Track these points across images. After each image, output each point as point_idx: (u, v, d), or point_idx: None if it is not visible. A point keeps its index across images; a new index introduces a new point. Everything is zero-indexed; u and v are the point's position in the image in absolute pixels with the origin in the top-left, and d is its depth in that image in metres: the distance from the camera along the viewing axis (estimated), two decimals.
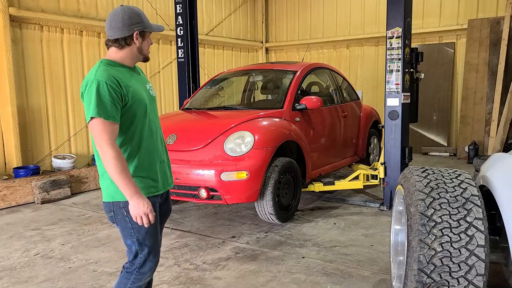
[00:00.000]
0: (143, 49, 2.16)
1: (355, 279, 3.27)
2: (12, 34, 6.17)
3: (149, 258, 2.18)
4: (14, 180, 5.67)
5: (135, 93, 2.09)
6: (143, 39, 2.14)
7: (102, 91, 1.96)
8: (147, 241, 2.14)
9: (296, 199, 4.73)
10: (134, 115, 2.08)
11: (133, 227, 2.10)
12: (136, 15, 2.11)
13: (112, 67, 2.07)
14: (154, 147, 2.19)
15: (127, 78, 2.09)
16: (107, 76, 1.99)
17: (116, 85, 1.99)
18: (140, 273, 2.18)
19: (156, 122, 2.26)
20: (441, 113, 8.89)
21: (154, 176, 2.18)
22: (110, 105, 1.97)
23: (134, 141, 2.11)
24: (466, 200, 2.11)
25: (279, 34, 11.26)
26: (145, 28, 2.13)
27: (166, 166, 2.31)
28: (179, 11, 6.32)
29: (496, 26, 8.04)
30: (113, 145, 1.97)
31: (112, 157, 1.95)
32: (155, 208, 2.17)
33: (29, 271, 3.56)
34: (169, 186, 2.34)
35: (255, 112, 4.90)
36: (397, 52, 4.80)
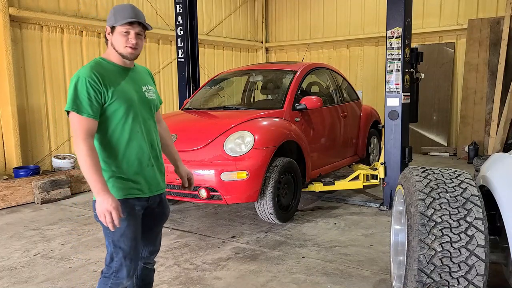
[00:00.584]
0: (115, 45, 2.12)
1: (355, 279, 3.27)
2: (12, 34, 6.17)
3: (125, 262, 2.12)
4: (14, 180, 5.67)
5: (119, 92, 2.08)
6: (113, 34, 2.11)
7: (80, 86, 1.99)
8: (122, 244, 2.10)
9: (296, 199, 4.73)
10: (115, 114, 2.08)
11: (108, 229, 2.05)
12: (111, 11, 2.12)
13: (99, 64, 2.10)
14: (139, 149, 2.15)
15: (113, 76, 2.09)
16: (89, 73, 2.02)
17: (95, 82, 2.01)
18: (117, 278, 2.14)
19: (148, 125, 2.21)
20: (441, 113, 8.89)
21: (137, 179, 2.14)
22: (86, 101, 1.99)
23: (115, 141, 2.09)
24: (466, 200, 2.11)
25: (279, 34, 11.26)
26: (114, 23, 2.09)
27: (157, 170, 2.25)
28: (179, 11, 6.32)
29: (496, 26, 8.04)
30: (85, 140, 1.97)
31: (83, 152, 1.96)
32: (134, 212, 2.13)
33: (29, 271, 3.56)
34: (160, 191, 2.29)
35: (255, 112, 4.90)
36: (397, 52, 4.80)
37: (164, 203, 2.37)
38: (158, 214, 2.33)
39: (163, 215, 2.38)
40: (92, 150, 1.98)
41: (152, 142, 2.24)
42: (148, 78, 2.33)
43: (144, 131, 2.18)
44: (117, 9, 2.12)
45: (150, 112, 2.26)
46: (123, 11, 2.09)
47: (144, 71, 2.34)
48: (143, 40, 2.19)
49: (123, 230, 2.09)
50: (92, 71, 2.03)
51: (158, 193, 2.28)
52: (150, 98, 2.26)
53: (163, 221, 2.40)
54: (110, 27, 2.11)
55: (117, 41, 2.11)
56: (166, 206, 2.40)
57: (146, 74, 2.34)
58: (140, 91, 2.20)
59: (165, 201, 2.38)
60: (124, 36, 2.09)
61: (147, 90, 2.25)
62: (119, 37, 2.10)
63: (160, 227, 2.40)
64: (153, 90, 2.30)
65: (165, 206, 2.38)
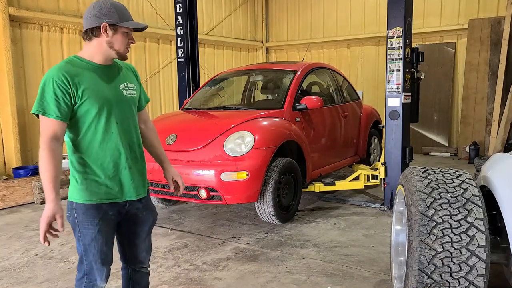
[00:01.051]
0: (114, 44, 2.01)
1: (355, 279, 3.26)
2: (12, 34, 6.17)
3: (96, 266, 2.08)
4: (13, 180, 5.66)
5: (91, 91, 1.97)
6: (114, 33, 2.00)
7: (47, 87, 1.93)
8: (92, 249, 2.05)
9: (296, 200, 4.72)
10: (87, 114, 1.98)
11: (80, 230, 2.03)
12: (109, 7, 1.99)
13: (71, 63, 2.00)
14: (114, 151, 2.05)
15: (85, 75, 1.98)
16: (57, 73, 1.93)
17: (63, 83, 1.92)
18: (89, 280, 2.09)
19: (126, 125, 2.09)
20: (441, 113, 8.87)
21: (112, 182, 2.05)
22: (54, 102, 1.91)
23: (88, 142, 2.01)
24: (467, 200, 2.10)
25: (280, 33, 11.26)
26: (117, 22, 1.99)
27: (135, 174, 2.13)
28: (179, 11, 6.31)
29: (497, 26, 8.03)
30: (48, 144, 1.91)
31: (42, 156, 1.90)
32: (107, 217, 2.06)
33: (29, 271, 3.56)
34: (140, 196, 2.17)
35: (255, 112, 4.89)
36: (397, 52, 4.79)
37: (148, 207, 2.25)
38: (142, 220, 2.22)
39: (148, 220, 2.25)
40: (53, 153, 1.90)
41: (131, 143, 2.12)
42: (128, 75, 2.19)
43: (120, 132, 2.06)
44: (118, 8, 2.02)
45: (130, 111, 2.13)
46: (125, 11, 2.03)
47: (125, 68, 2.21)
48: None
49: (94, 235, 2.03)
50: (60, 71, 1.93)
51: (138, 199, 2.16)
52: (129, 96, 2.12)
53: (149, 226, 2.28)
54: (111, 25, 1.99)
55: (120, 41, 2.02)
56: (151, 210, 2.27)
57: (127, 71, 2.21)
58: (116, 89, 2.07)
59: (149, 205, 2.26)
60: (126, 36, 2.04)
61: (126, 88, 2.12)
62: (121, 37, 2.02)
63: (146, 232, 2.28)
64: (133, 87, 2.17)
65: (150, 210, 2.26)
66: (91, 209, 2.03)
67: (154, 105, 8.62)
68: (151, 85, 8.50)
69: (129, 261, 2.32)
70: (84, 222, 2.03)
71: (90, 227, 2.03)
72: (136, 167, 2.14)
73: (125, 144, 2.09)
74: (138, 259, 2.31)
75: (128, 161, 2.10)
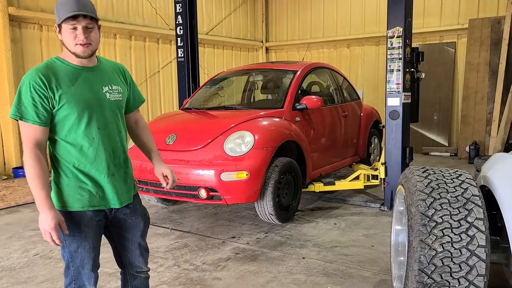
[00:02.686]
0: (65, 43, 1.91)
1: (355, 279, 3.26)
2: (12, 34, 6.17)
3: (83, 271, 2.03)
4: (13, 180, 5.66)
5: (70, 95, 1.89)
6: (60, 32, 1.90)
7: (24, 91, 1.85)
8: (79, 255, 2.00)
9: (296, 200, 4.72)
10: (66, 119, 1.90)
11: (65, 238, 1.96)
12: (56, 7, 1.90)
13: (50, 65, 1.93)
14: (96, 158, 1.97)
15: (64, 78, 1.90)
16: (34, 76, 1.86)
17: (40, 86, 1.84)
18: (78, 285, 2.05)
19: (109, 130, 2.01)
20: (442, 113, 8.87)
21: (95, 189, 1.98)
22: (31, 107, 1.83)
23: (68, 148, 1.94)
24: (467, 200, 2.10)
25: (279, 33, 11.25)
26: (58, 20, 1.88)
27: (120, 180, 2.06)
28: (179, 11, 6.31)
29: (497, 25, 8.03)
30: (31, 150, 1.84)
31: (28, 162, 1.83)
32: (92, 223, 2.00)
33: (29, 271, 3.55)
34: (126, 202, 2.09)
35: (255, 112, 4.89)
36: (397, 52, 4.79)
37: (138, 213, 2.18)
38: (131, 225, 2.16)
39: (138, 225, 2.18)
40: (38, 160, 1.83)
41: (115, 148, 2.04)
42: (113, 77, 2.08)
43: (102, 137, 1.98)
44: (59, 4, 1.88)
45: (113, 115, 2.03)
46: (65, 5, 1.86)
47: (111, 69, 2.09)
48: (97, 33, 1.95)
49: (80, 242, 1.98)
50: (37, 74, 1.86)
51: (124, 205, 2.09)
52: (112, 99, 2.02)
53: (140, 231, 2.20)
54: (57, 26, 1.89)
55: (67, 40, 1.89)
56: (140, 215, 2.19)
57: (113, 72, 2.10)
58: (99, 93, 1.98)
59: (137, 209, 2.18)
60: (72, 33, 1.87)
61: (110, 91, 2.02)
62: (67, 35, 1.88)
63: (139, 237, 2.20)
64: (118, 90, 2.06)
65: (139, 215, 2.18)
66: (75, 216, 1.97)
67: (154, 105, 8.62)
68: (151, 85, 8.50)
69: (126, 266, 2.26)
70: (69, 229, 1.94)
71: (76, 235, 1.98)
72: (119, 173, 2.07)
73: (108, 149, 2.01)
74: (134, 263, 2.24)
75: (110, 168, 2.02)
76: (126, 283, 2.30)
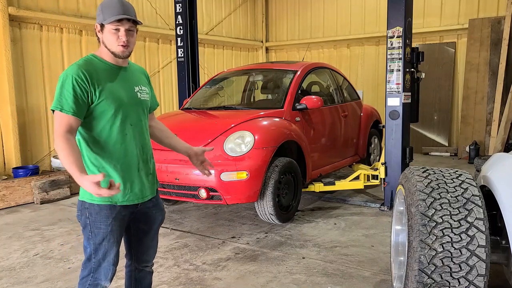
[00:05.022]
0: (106, 43, 2.02)
1: (355, 279, 3.26)
2: (12, 34, 6.16)
3: (103, 264, 2.09)
4: (13, 180, 5.66)
5: (108, 92, 2.00)
6: (102, 32, 2.02)
7: (66, 84, 1.93)
8: (103, 248, 2.06)
9: (296, 200, 4.72)
10: (103, 115, 2.00)
11: (91, 230, 2.04)
12: (99, 8, 2.02)
13: (90, 62, 2.03)
14: (127, 153, 2.07)
15: (103, 75, 2.02)
16: (76, 71, 1.95)
17: (82, 81, 1.94)
18: (95, 279, 2.10)
19: (139, 127, 2.13)
20: (442, 113, 8.87)
21: (125, 184, 2.07)
22: (72, 99, 1.92)
23: (102, 143, 2.02)
24: (467, 200, 2.10)
25: (279, 33, 11.25)
26: (102, 21, 2.00)
27: (146, 175, 2.17)
28: (179, 11, 6.31)
29: (497, 25, 8.03)
30: (64, 135, 1.90)
31: (58, 144, 1.89)
32: (120, 217, 2.08)
33: (29, 271, 3.55)
34: (150, 196, 2.20)
35: (255, 112, 4.89)
36: (397, 52, 4.79)
37: (158, 207, 2.29)
38: (152, 218, 2.27)
39: (157, 219, 2.30)
40: (69, 141, 1.89)
41: (143, 144, 2.16)
42: (142, 78, 2.23)
43: (133, 134, 2.09)
44: (105, 5, 2.01)
45: (143, 114, 2.17)
46: (110, 7, 1.99)
47: (138, 71, 2.25)
48: (135, 36, 2.08)
49: (106, 234, 2.05)
50: (80, 69, 1.96)
51: (148, 199, 2.20)
52: (142, 99, 2.16)
53: (157, 225, 2.32)
54: (100, 25, 2.01)
55: (108, 40, 2.01)
56: (160, 209, 2.31)
57: (140, 74, 2.25)
58: (131, 92, 2.11)
59: (159, 204, 2.30)
60: (115, 34, 2.00)
61: (140, 91, 2.15)
62: (109, 36, 2.01)
63: (155, 230, 2.33)
64: (146, 91, 2.21)
65: (159, 209, 2.30)
66: (104, 209, 2.04)
67: None
68: None
69: (134, 259, 2.33)
70: (97, 222, 2.04)
71: (102, 227, 2.05)
72: (145, 168, 2.17)
73: (138, 145, 2.12)
74: (144, 257, 2.34)
75: (139, 163, 2.13)
76: (130, 275, 2.37)
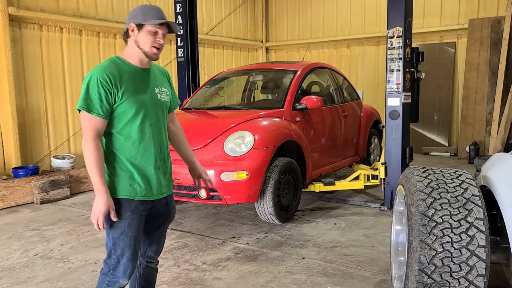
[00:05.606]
0: (139, 43, 2.11)
1: (355, 279, 3.26)
2: (12, 34, 6.16)
3: (123, 260, 2.14)
4: (13, 180, 5.66)
5: (130, 93, 2.08)
6: (139, 32, 2.10)
7: (92, 86, 2.01)
8: (121, 242, 2.12)
9: (296, 200, 4.72)
10: (124, 114, 2.08)
11: (110, 226, 2.11)
12: (138, 9, 2.13)
13: (114, 64, 2.10)
14: (146, 151, 2.15)
15: (126, 77, 2.09)
16: (101, 72, 2.03)
17: (107, 82, 2.01)
18: (114, 276, 2.16)
19: (158, 127, 2.21)
20: (442, 113, 8.87)
21: (143, 180, 2.14)
22: (97, 100, 2.00)
23: (122, 141, 2.10)
24: (467, 200, 2.10)
25: (279, 33, 11.25)
26: (141, 21, 2.09)
27: (163, 173, 2.25)
28: (179, 11, 6.31)
29: (497, 25, 8.03)
30: (93, 140, 2.00)
31: (89, 151, 2.00)
32: (138, 211, 2.15)
33: (29, 271, 3.55)
34: (166, 193, 2.29)
35: (255, 112, 4.89)
36: (397, 52, 4.79)
37: (170, 204, 2.37)
38: (164, 215, 2.35)
39: (169, 216, 2.39)
40: (98, 149, 2.02)
41: (161, 144, 2.24)
42: (162, 79, 2.32)
43: (152, 133, 2.17)
44: (146, 8, 2.14)
45: (162, 114, 2.25)
46: (153, 10, 2.12)
47: (159, 72, 2.33)
48: None
49: (124, 228, 2.11)
50: (105, 71, 2.03)
51: (164, 196, 2.28)
52: (162, 100, 2.24)
53: (168, 222, 2.41)
54: (137, 25, 2.09)
55: (144, 40, 2.10)
56: (173, 207, 2.40)
57: (161, 75, 2.33)
58: (152, 93, 2.19)
59: (171, 202, 2.38)
60: (152, 35, 2.10)
61: (160, 92, 2.24)
62: (146, 36, 2.09)
63: (165, 227, 2.42)
64: (166, 92, 2.29)
65: (171, 207, 2.39)
66: (122, 203, 2.11)
67: None
68: None
69: (140, 253, 2.38)
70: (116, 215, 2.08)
71: (121, 221, 2.10)
72: (163, 167, 2.25)
73: (156, 145, 2.20)
74: (148, 252, 2.40)
75: (157, 162, 2.20)
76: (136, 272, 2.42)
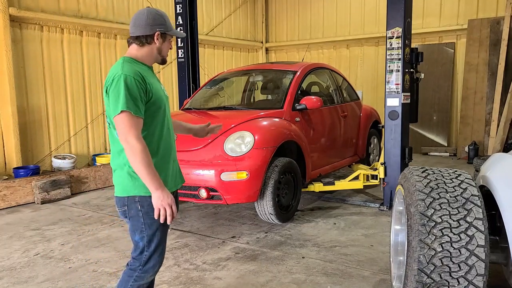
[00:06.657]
0: (162, 50, 2.22)
1: (355, 279, 3.27)
2: (12, 34, 6.17)
3: (154, 256, 2.19)
4: (14, 180, 5.67)
5: (156, 90, 2.14)
6: (164, 41, 2.21)
7: (130, 85, 2.00)
8: (155, 238, 2.16)
9: (296, 199, 4.73)
10: (156, 111, 2.14)
11: (144, 223, 2.12)
12: (160, 17, 2.20)
13: (135, 64, 2.14)
14: (170, 145, 2.23)
15: (149, 75, 2.15)
16: (134, 71, 2.05)
17: (141, 80, 2.05)
18: (143, 271, 2.19)
19: (171, 121, 2.32)
20: (441, 113, 8.89)
21: (167, 174, 2.21)
22: (138, 100, 2.02)
23: (155, 138, 2.15)
24: (466, 200, 2.11)
25: (279, 34, 11.26)
26: (167, 30, 2.20)
27: (177, 165, 2.33)
28: (179, 11, 6.32)
29: (496, 26, 8.04)
30: (140, 139, 2.00)
31: (140, 150, 1.97)
32: None
33: (29, 271, 3.56)
34: (179, 185, 2.36)
35: (255, 112, 4.90)
36: (397, 52, 4.80)
37: (177, 197, 2.42)
38: None
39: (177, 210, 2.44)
40: (146, 148, 2.01)
41: (173, 137, 2.32)
42: None
43: (170, 128, 2.27)
44: (167, 17, 2.24)
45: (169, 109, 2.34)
46: (168, 20, 2.25)
47: None
48: None
49: (159, 224, 2.13)
50: (135, 69, 2.07)
51: (177, 188, 2.35)
52: (167, 96, 2.34)
53: None
54: (162, 33, 2.18)
55: (166, 48, 2.24)
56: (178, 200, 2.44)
57: None
58: (163, 90, 2.28)
59: (178, 197, 2.44)
60: (169, 44, 2.26)
61: (163, 88, 2.31)
62: (168, 44, 2.25)
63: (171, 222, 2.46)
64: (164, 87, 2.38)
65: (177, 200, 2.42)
66: None
67: None
68: None
69: None
70: (150, 212, 2.09)
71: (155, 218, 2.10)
72: (177, 159, 2.34)
73: (173, 138, 2.29)
74: None
75: (175, 154, 2.29)
76: None
